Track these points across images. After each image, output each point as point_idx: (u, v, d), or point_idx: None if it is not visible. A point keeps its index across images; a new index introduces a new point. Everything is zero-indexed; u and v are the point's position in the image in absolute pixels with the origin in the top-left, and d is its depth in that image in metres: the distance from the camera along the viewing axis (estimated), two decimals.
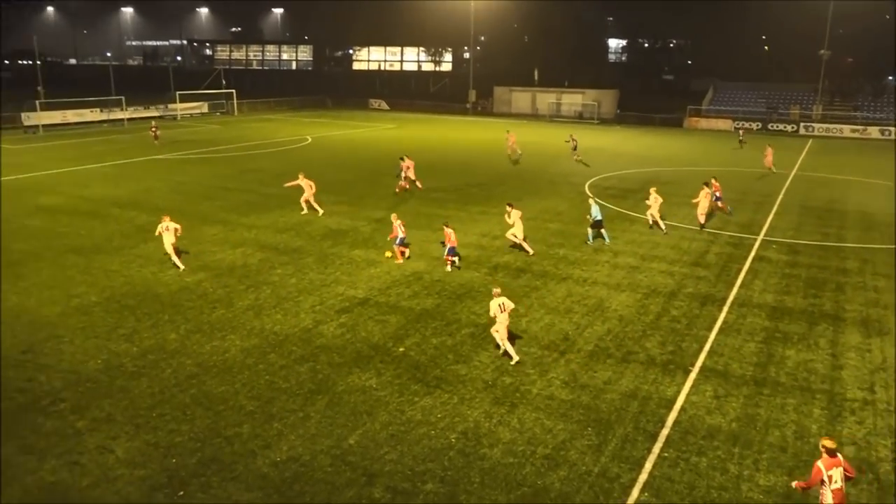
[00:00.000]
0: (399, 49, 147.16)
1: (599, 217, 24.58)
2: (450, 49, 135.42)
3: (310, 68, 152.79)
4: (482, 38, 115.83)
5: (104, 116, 63.46)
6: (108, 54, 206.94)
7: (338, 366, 15.34)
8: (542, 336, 17.04)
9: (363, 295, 19.40)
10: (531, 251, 23.23)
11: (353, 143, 50.74)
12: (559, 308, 18.84)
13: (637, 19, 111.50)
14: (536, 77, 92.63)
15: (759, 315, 18.47)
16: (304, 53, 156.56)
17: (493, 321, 16.04)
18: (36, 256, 22.36)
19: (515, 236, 23.10)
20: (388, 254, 22.71)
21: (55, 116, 60.63)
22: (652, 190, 26.90)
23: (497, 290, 15.65)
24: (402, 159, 34.00)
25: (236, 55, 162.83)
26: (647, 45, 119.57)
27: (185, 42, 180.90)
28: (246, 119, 71.55)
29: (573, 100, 79.41)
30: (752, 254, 23.89)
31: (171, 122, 67.61)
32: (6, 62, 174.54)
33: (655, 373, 15.34)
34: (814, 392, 14.60)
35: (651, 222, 26.59)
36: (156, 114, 70.03)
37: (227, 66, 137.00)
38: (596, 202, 25.07)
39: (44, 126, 57.40)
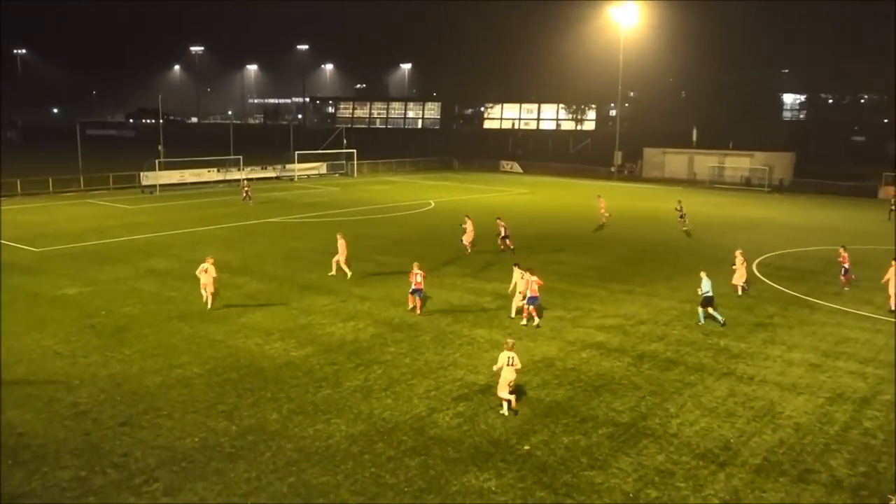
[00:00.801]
0: (536, 106, 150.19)
1: (710, 293, 24.33)
2: (593, 106, 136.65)
3: (437, 127, 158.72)
4: (631, 93, 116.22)
5: (221, 177, 68.49)
6: (230, 112, 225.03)
7: (452, 462, 15.19)
8: (696, 443, 16.14)
9: (485, 381, 19.28)
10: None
11: (481, 209, 51.60)
12: (719, 410, 17.85)
13: (821, 71, 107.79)
14: (695, 137, 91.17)
15: None
16: (432, 111, 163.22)
17: (498, 374, 17.48)
18: (142, 322, 24.06)
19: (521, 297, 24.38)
20: (418, 312, 24.90)
21: (173, 176, 66.19)
22: (738, 253, 28.64)
23: (510, 342, 17.60)
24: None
25: (359, 112, 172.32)
26: (831, 100, 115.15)
27: (306, 99, 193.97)
28: (366, 181, 74.85)
29: (739, 163, 77.15)
30: None
31: (288, 182, 71.85)
32: (131, 120, 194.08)
33: (842, 498, 14.05)
34: None
35: (739, 290, 28.18)
36: (272, 174, 74.77)
37: (349, 125, 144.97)
38: (708, 277, 24.70)
39: (161, 185, 62.75)
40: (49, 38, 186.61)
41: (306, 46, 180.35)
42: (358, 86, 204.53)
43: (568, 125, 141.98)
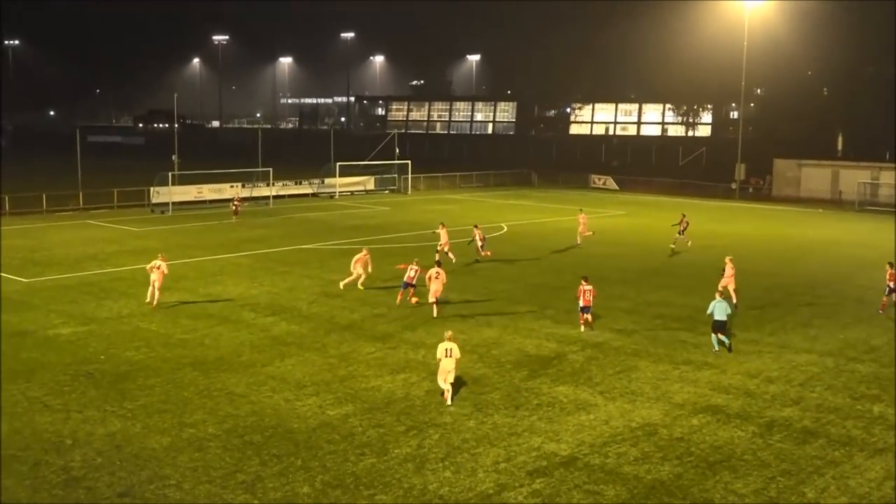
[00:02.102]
0: (636, 107, 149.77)
1: (721, 317, 26.74)
2: (709, 107, 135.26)
3: (511, 132, 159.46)
4: (758, 90, 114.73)
5: (247, 193, 69.98)
6: (258, 115, 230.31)
7: None
8: None
9: (568, 452, 19.10)
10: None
11: (565, 235, 51.44)
12: (872, 496, 17.28)
13: None
14: (840, 146, 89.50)
15: None
16: (505, 112, 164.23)
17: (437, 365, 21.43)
18: (148, 369, 24.60)
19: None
20: (415, 299, 28.68)
21: (189, 192, 67.92)
22: (727, 259, 32.88)
23: (449, 334, 22.00)
24: (475, 227, 42.93)
25: (415, 115, 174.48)
26: None
27: (351, 99, 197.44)
28: (422, 198, 75.49)
29: None
30: None
31: (328, 201, 73.01)
32: (140, 125, 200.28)
33: None
34: None
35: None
36: (308, 190, 76.09)
37: (403, 129, 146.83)
38: (722, 298, 27.34)
39: (175, 204, 64.47)
40: (44, 26, 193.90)
41: (351, 35, 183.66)
42: (414, 83, 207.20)
43: (677, 130, 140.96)
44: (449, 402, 21.84)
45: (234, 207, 60.30)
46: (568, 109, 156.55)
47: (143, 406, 21.67)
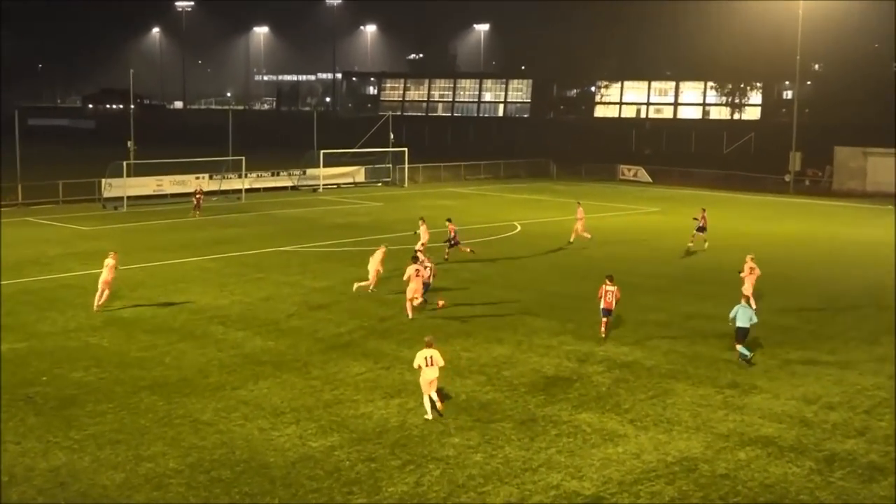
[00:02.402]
0: (672, 86, 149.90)
1: (744, 324, 27.89)
2: (758, 85, 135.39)
3: (525, 115, 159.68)
4: (815, 66, 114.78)
5: (215, 186, 70.04)
6: (229, 95, 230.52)
7: None
8: None
9: (592, 491, 19.06)
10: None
11: (592, 235, 51.40)
12: None
13: None
14: None
15: None
16: (519, 92, 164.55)
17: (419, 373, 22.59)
18: (98, 393, 24.52)
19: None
20: (441, 301, 31.75)
21: (147, 185, 68.01)
22: (748, 258, 34.63)
23: (429, 339, 23.18)
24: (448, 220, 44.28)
25: (413, 94, 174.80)
26: None
27: (338, 76, 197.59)
28: (422, 192, 75.51)
29: None
30: None
31: (310, 195, 73.04)
32: (90, 106, 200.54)
33: None
34: None
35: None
36: (287, 182, 76.10)
37: (399, 111, 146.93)
38: (745, 304, 28.87)
39: (130, 198, 64.57)
40: None
41: (338, 0, 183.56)
42: (412, 57, 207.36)
43: (720, 113, 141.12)
44: (434, 415, 22.63)
45: (195, 201, 60.56)
46: (592, 88, 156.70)
47: (92, 436, 21.61)
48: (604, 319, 30.27)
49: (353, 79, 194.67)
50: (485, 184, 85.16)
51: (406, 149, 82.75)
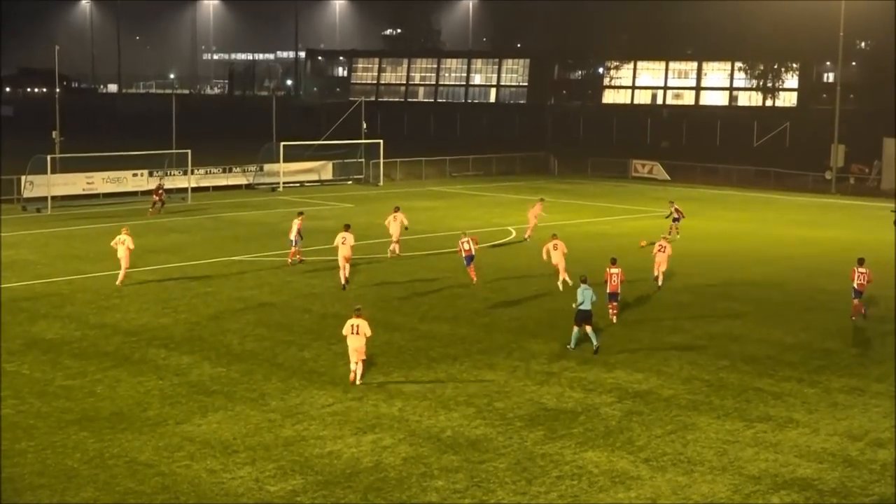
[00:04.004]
0: (694, 66, 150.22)
1: (586, 306, 31.05)
2: (795, 66, 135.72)
3: (522, 101, 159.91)
4: (861, 44, 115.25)
5: (154, 183, 69.76)
6: (172, 77, 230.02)
7: None
8: None
9: None
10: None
11: (596, 241, 51.46)
12: None
13: None
14: None
15: None
16: (515, 73, 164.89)
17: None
18: (17, 429, 24.34)
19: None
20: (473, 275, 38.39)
21: (75, 182, 67.61)
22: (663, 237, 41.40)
23: (358, 309, 28.10)
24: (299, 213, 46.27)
25: (389, 76, 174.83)
26: None
27: (301, 54, 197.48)
28: (399, 191, 75.36)
29: None
30: None
31: (268, 195, 72.86)
32: (7, 89, 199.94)
33: None
34: None
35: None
36: (241, 180, 75.92)
37: (373, 97, 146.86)
38: (588, 286, 31.37)
39: (55, 199, 64.17)
40: None
41: None
42: (388, 32, 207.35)
43: (750, 98, 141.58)
44: (357, 382, 27.63)
45: (154, 198, 61.56)
46: (601, 70, 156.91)
47: (8, 479, 21.51)
48: (611, 304, 34.55)
49: (319, 58, 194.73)
50: (474, 182, 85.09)
51: (381, 141, 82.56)
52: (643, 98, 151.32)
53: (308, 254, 46.74)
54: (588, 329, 31.20)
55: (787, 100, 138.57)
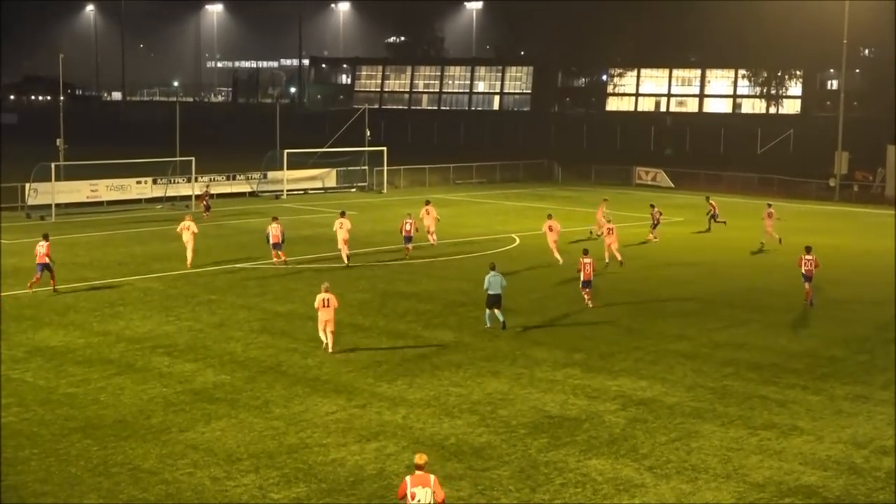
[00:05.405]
0: (697, 74, 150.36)
1: (496, 291, 34.49)
2: (798, 74, 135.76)
3: (526, 108, 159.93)
4: (865, 51, 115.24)
5: (160, 192, 69.89)
6: (176, 84, 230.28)
7: None
8: None
9: None
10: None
11: (601, 249, 51.42)
12: None
13: None
14: None
15: None
16: (518, 81, 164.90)
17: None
18: (20, 436, 24.35)
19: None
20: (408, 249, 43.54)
21: (79, 190, 67.81)
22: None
23: (326, 286, 31.66)
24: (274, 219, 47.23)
25: (393, 84, 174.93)
26: None
27: (305, 62, 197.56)
28: (403, 198, 75.33)
29: None
30: None
31: (272, 202, 72.89)
32: (11, 97, 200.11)
33: None
34: None
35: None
36: (245, 188, 76.05)
37: (377, 104, 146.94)
38: (496, 273, 34.69)
39: (60, 206, 64.35)
40: None
41: None
42: (391, 40, 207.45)
43: (754, 106, 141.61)
44: (330, 350, 31.03)
45: (204, 203, 62.88)
46: (604, 77, 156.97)
47: (12, 487, 21.51)
48: (585, 290, 38.36)
49: (323, 66, 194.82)
50: (477, 189, 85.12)
51: (385, 148, 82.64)
52: (647, 105, 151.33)
53: (312, 261, 46.76)
54: (497, 311, 34.67)
55: (791, 107, 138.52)
